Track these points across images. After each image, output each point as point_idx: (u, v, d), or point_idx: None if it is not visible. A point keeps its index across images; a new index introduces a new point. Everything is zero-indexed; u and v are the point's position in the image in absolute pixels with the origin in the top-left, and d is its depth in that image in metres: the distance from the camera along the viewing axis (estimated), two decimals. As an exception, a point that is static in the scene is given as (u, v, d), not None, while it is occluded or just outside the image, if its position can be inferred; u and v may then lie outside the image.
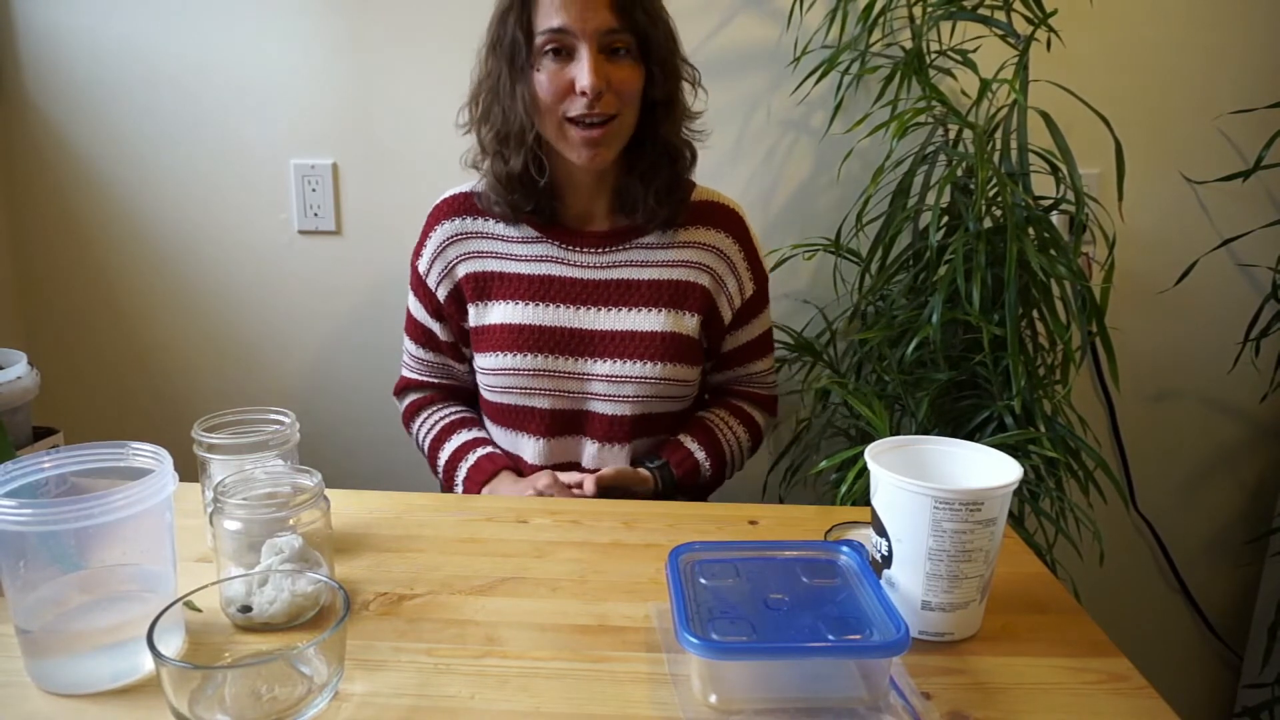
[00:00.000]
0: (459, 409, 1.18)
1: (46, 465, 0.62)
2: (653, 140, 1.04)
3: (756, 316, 1.14)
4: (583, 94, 0.95)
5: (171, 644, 0.61)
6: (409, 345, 1.18)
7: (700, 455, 1.10)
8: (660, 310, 1.06)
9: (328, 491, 0.72)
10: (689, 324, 1.08)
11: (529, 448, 1.09)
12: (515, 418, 1.09)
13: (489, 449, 1.11)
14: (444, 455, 1.12)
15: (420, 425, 1.17)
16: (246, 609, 0.64)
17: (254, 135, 1.46)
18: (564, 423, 1.08)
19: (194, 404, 1.57)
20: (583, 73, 0.95)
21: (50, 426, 0.92)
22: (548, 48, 0.97)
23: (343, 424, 1.57)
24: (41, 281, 1.54)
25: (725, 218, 1.11)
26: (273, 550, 0.66)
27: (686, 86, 1.06)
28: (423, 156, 1.45)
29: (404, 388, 1.21)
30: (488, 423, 1.15)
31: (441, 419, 1.16)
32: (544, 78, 0.98)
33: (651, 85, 1.00)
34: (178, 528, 0.64)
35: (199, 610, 0.64)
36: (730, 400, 1.19)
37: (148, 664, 0.58)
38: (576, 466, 1.10)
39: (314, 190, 1.48)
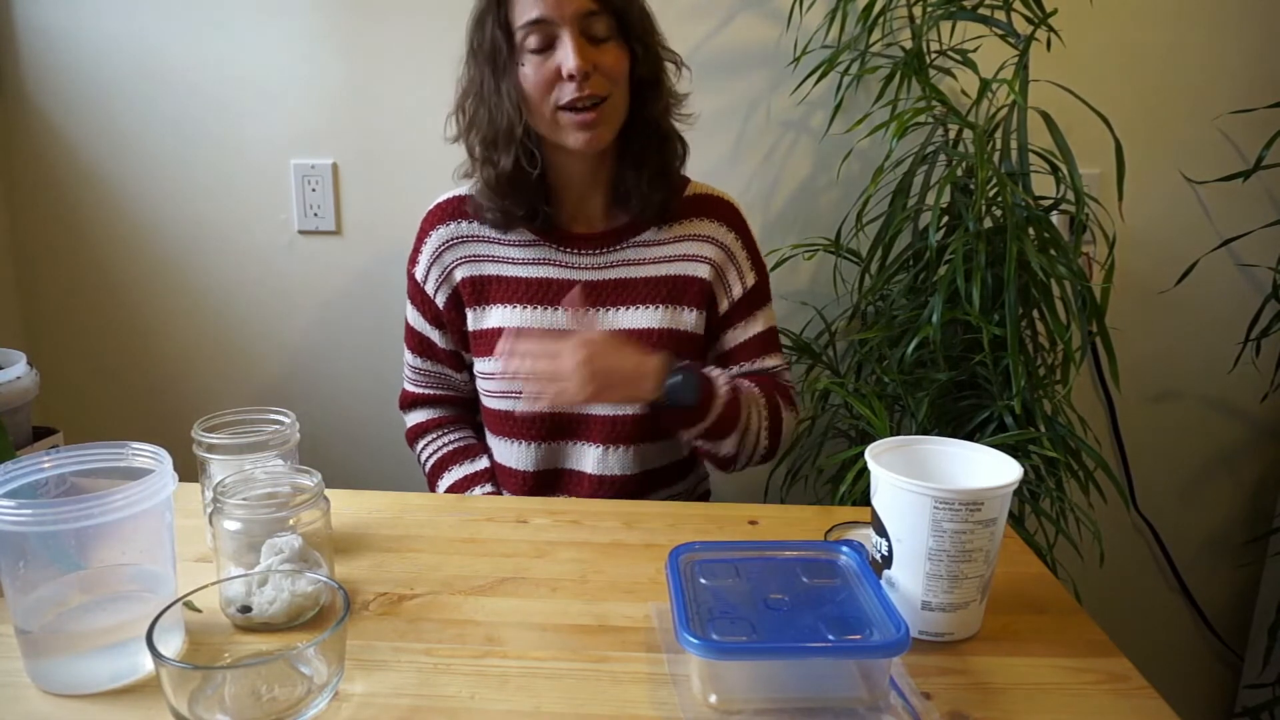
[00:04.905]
0: (461, 436, 1.17)
1: (46, 465, 0.62)
2: (642, 123, 1.04)
3: (760, 310, 1.12)
4: (570, 78, 0.95)
5: (171, 644, 0.61)
6: (408, 356, 1.17)
7: (717, 371, 1.01)
8: (657, 307, 1.06)
9: (328, 491, 0.72)
10: (687, 319, 1.07)
11: (529, 453, 1.08)
12: (514, 423, 1.08)
13: (487, 486, 1.10)
14: (442, 487, 1.13)
15: (423, 450, 1.17)
16: (246, 609, 0.64)
17: (254, 135, 1.46)
18: (564, 427, 1.08)
19: (194, 404, 1.57)
20: (567, 57, 0.95)
21: (50, 426, 0.92)
22: (530, 42, 0.97)
23: (343, 424, 1.57)
24: (41, 281, 1.53)
25: (721, 209, 1.11)
26: (273, 550, 0.66)
27: (672, 70, 1.06)
28: (423, 157, 1.45)
29: (408, 403, 1.19)
30: (487, 431, 1.14)
31: (443, 447, 1.15)
32: (529, 70, 0.98)
33: (636, 65, 1.00)
34: (178, 528, 0.64)
35: (199, 610, 0.64)
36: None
37: (147, 664, 0.58)
38: (580, 473, 1.09)
39: (314, 190, 1.48)
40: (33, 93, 1.46)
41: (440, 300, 1.11)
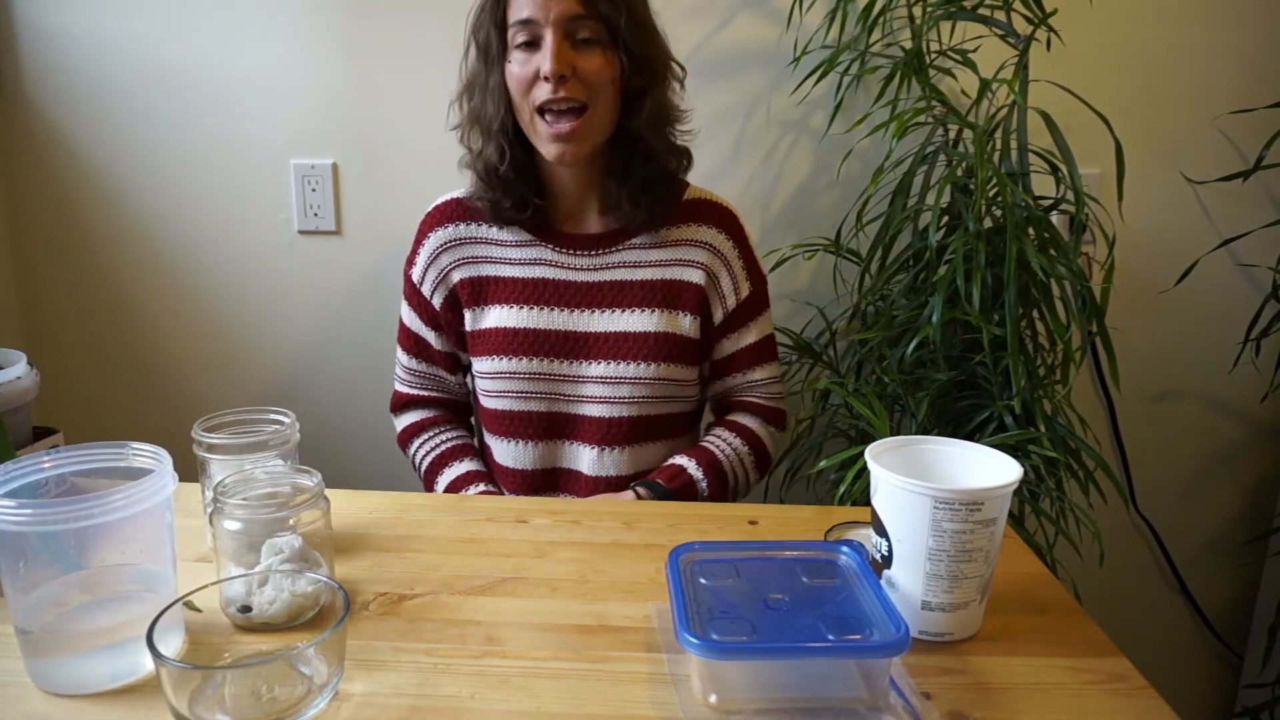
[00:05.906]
0: (456, 435, 1.16)
1: (46, 465, 0.62)
2: (627, 135, 1.03)
3: (754, 320, 1.12)
4: (545, 79, 0.96)
5: (171, 644, 0.61)
6: (401, 356, 1.17)
7: (689, 463, 1.06)
8: (653, 310, 1.06)
9: (328, 491, 0.72)
10: (683, 323, 1.07)
11: (527, 452, 1.08)
12: (512, 422, 1.08)
13: (485, 484, 1.10)
14: (441, 484, 1.12)
15: (418, 449, 1.15)
16: (246, 609, 0.64)
17: (254, 135, 1.46)
18: (561, 426, 1.08)
19: (194, 404, 1.57)
20: (545, 58, 0.96)
21: (50, 426, 0.92)
22: (518, 40, 0.98)
23: (343, 424, 1.57)
24: (41, 281, 1.53)
25: (719, 216, 1.11)
26: (273, 550, 0.66)
27: (674, 87, 1.06)
28: (423, 157, 1.45)
29: (400, 404, 1.19)
30: (485, 431, 1.14)
31: (439, 445, 1.14)
32: (515, 67, 0.99)
33: (626, 75, 1.00)
34: (178, 528, 0.64)
35: (199, 610, 0.64)
36: (725, 417, 1.16)
37: (147, 664, 0.58)
38: (576, 473, 1.09)
39: (314, 190, 1.48)
40: (33, 93, 1.46)
41: (436, 302, 1.11)
